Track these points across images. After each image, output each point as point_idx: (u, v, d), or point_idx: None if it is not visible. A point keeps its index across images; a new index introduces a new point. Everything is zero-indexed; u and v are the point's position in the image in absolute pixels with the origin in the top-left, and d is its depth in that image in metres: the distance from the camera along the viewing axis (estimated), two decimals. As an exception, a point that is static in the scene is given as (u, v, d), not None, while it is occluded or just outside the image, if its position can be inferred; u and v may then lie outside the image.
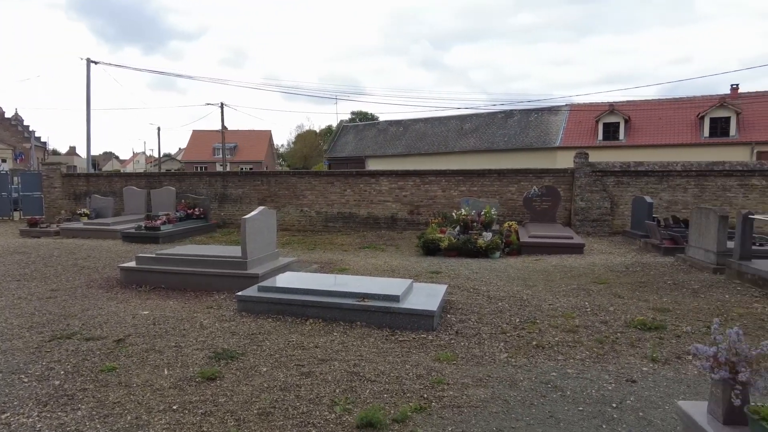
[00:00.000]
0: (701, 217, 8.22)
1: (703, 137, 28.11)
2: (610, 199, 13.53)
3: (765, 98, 28.65)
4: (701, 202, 12.91)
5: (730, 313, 5.50)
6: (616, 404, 3.46)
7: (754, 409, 2.35)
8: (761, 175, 13.08)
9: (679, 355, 4.34)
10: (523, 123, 34.21)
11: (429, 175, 15.07)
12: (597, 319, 5.40)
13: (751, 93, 29.61)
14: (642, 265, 8.33)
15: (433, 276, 7.79)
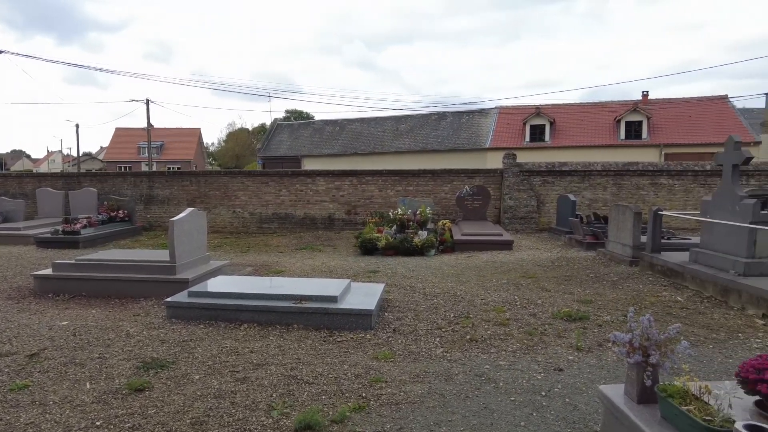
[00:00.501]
0: (618, 213, 8.84)
1: (620, 139, 30.25)
2: (536, 198, 14.22)
3: (671, 105, 31.31)
4: (619, 199, 13.89)
5: (643, 302, 5.96)
6: (545, 392, 3.65)
7: (663, 387, 2.57)
8: (668, 174, 14.28)
9: (601, 343, 4.64)
10: (456, 125, 35.20)
11: (366, 175, 15.14)
12: (526, 312, 5.67)
13: (660, 99, 32.27)
14: (567, 260, 8.83)
15: (371, 275, 7.83)
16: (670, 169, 14.37)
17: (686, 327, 5.02)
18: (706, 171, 14.03)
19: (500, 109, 34.72)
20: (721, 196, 6.52)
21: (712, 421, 2.26)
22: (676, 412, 2.43)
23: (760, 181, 14.30)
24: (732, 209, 6.24)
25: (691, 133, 28.93)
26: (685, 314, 5.50)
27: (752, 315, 5.40)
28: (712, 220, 6.57)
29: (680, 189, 14.22)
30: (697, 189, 14.10)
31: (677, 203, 14.07)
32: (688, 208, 13.43)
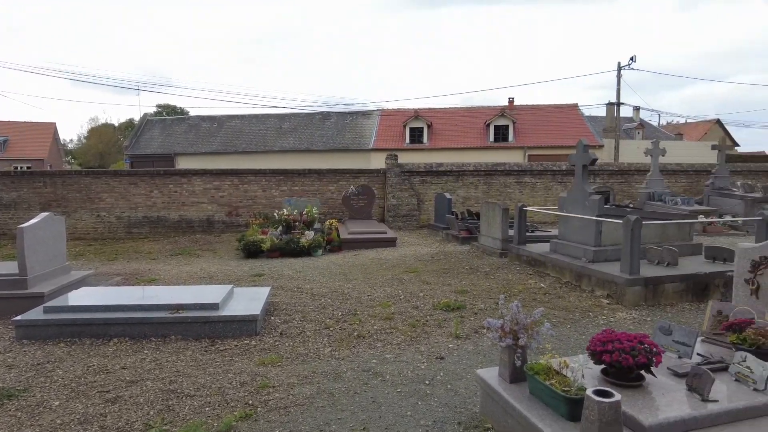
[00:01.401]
0: (489, 210, 9.59)
1: (489, 142, 32.78)
2: (417, 197, 14.89)
3: (533, 111, 34.69)
4: (489, 197, 15.07)
5: (512, 290, 6.55)
6: (429, 381, 3.85)
7: (530, 366, 2.85)
8: (531, 174, 15.83)
9: (477, 330, 5.01)
10: (340, 125, 35.45)
11: (248, 175, 14.62)
12: (410, 305, 5.91)
13: (524, 105, 35.55)
14: (445, 254, 9.38)
15: (255, 279, 7.59)
16: (533, 169, 15.95)
17: (548, 310, 5.61)
18: (562, 171, 15.80)
19: (382, 112, 35.69)
20: (574, 192, 7.39)
21: (569, 391, 2.57)
22: (541, 386, 2.72)
23: (603, 179, 16.47)
24: (583, 204, 7.11)
25: (550, 137, 32.33)
26: (548, 299, 6.16)
27: (599, 296, 6.21)
28: (567, 214, 7.43)
29: (541, 187, 15.84)
30: (555, 186, 15.82)
31: (539, 199, 15.65)
32: (548, 204, 15.01)
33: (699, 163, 18.00)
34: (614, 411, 2.29)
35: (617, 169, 17.03)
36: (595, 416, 2.29)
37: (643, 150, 15.57)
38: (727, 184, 14.76)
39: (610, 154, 28.13)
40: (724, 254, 6.70)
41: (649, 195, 13.92)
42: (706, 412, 2.55)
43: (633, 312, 5.61)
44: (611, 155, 27.71)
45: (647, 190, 14.28)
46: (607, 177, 16.63)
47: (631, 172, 16.78)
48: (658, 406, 2.59)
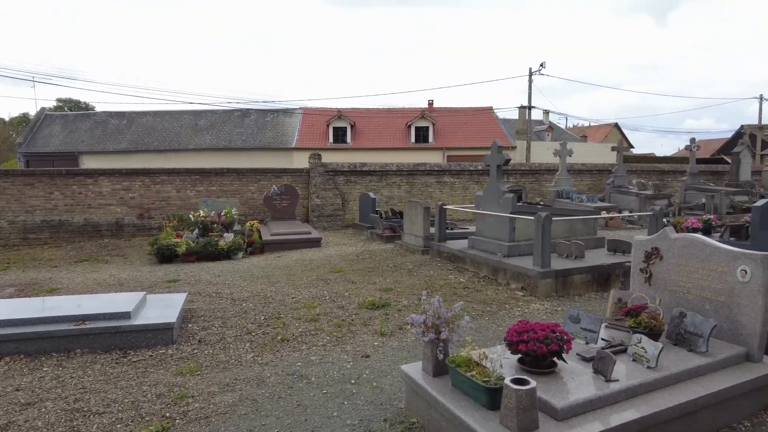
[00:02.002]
0: (411, 209, 9.79)
1: (411, 142, 33.48)
2: (341, 196, 14.87)
3: (451, 113, 35.90)
4: (411, 196, 15.39)
5: (434, 285, 6.73)
6: (355, 380, 3.86)
7: (452, 359, 2.95)
8: (450, 174, 16.37)
9: (401, 327, 5.09)
10: (260, 123, 34.52)
11: (161, 174, 13.82)
12: (335, 306, 5.89)
13: (443, 108, 36.68)
14: (370, 253, 9.44)
15: (170, 285, 7.19)
16: (452, 169, 16.50)
17: (468, 304, 5.83)
18: (478, 170, 16.49)
19: (304, 110, 35.23)
20: (489, 191, 7.74)
21: (489, 381, 2.68)
22: (462, 378, 2.82)
23: (516, 178, 17.40)
24: (497, 202, 7.47)
25: (467, 138, 33.61)
26: (467, 293, 6.40)
27: (514, 288, 6.55)
28: (484, 212, 7.76)
29: (460, 186, 16.43)
30: (472, 186, 16.47)
31: (458, 198, 16.22)
32: (466, 202, 15.61)
33: (601, 163, 19.58)
34: (530, 397, 2.42)
35: (529, 169, 18.07)
36: (513, 404, 2.41)
37: (552, 151, 16.65)
38: (624, 183, 16.17)
39: (522, 154, 29.79)
40: (623, 246, 7.32)
41: (558, 193, 14.90)
42: (608, 392, 2.77)
43: (545, 303, 5.98)
44: (523, 156, 29.37)
45: (556, 188, 15.28)
46: (520, 176, 17.60)
47: (541, 171, 17.88)
48: (568, 389, 2.78)
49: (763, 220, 8.35)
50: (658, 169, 20.60)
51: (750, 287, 3.44)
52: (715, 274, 3.65)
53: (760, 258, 3.42)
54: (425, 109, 35.67)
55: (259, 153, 31.35)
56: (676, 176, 19.53)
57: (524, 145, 30.05)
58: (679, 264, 3.92)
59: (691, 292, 3.81)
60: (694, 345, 3.36)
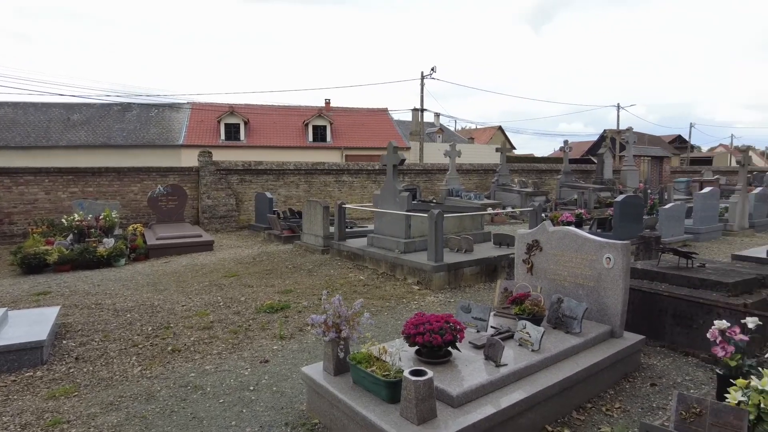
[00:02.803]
0: (310, 208, 9.70)
1: (308, 141, 33.14)
2: (235, 196, 14.28)
3: (348, 113, 36.12)
4: (310, 195, 15.24)
5: (334, 285, 6.73)
6: (253, 387, 3.73)
7: (353, 356, 2.97)
8: (349, 173, 16.48)
9: (302, 328, 5.03)
10: (143, 118, 31.97)
11: (25, 174, 12.24)
12: (230, 311, 5.65)
13: (340, 108, 36.75)
14: (267, 255, 9.19)
15: (39, 298, 6.41)
16: (350, 169, 16.62)
17: (368, 300, 5.92)
18: (376, 170, 16.78)
19: (193, 105, 33.27)
20: (386, 190, 7.92)
21: (389, 375, 2.75)
22: (363, 374, 2.85)
23: (411, 178, 18.00)
24: (394, 201, 7.67)
25: (364, 138, 34.06)
26: (367, 290, 6.49)
27: (411, 283, 6.78)
28: (381, 210, 7.93)
29: (358, 185, 16.60)
30: (370, 185, 16.74)
31: (356, 197, 16.38)
32: (365, 201, 15.82)
33: (487, 164, 20.93)
34: (428, 388, 2.52)
35: (422, 169, 18.79)
36: (412, 395, 2.50)
37: (443, 152, 17.47)
38: (508, 181, 17.45)
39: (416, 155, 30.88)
40: (507, 240, 7.90)
41: (448, 191, 15.66)
42: (499, 376, 2.98)
43: (439, 295, 6.26)
44: (417, 156, 30.45)
45: (447, 187, 16.06)
46: (414, 176, 18.24)
47: (433, 171, 18.68)
48: (463, 377, 2.94)
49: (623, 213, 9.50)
50: (536, 168, 22.53)
51: (613, 273, 3.90)
52: (586, 262, 4.08)
53: (620, 246, 3.89)
54: (322, 108, 35.52)
55: (143, 151, 29.05)
56: (552, 175, 21.50)
57: (418, 146, 31.16)
58: (556, 254, 4.32)
59: (567, 279, 4.22)
60: (570, 327, 3.73)
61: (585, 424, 3.13)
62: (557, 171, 20.79)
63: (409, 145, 33.19)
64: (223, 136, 31.54)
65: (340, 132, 34.10)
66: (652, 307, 4.50)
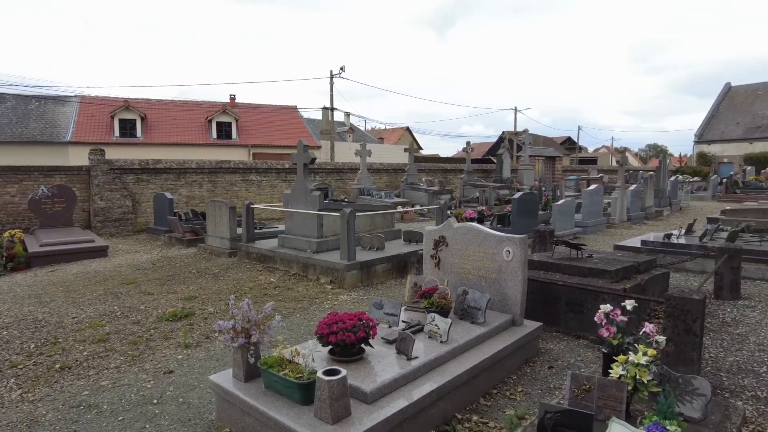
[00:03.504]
0: (215, 209, 9.28)
1: (212, 138, 31.66)
2: (131, 197, 13.27)
3: (255, 110, 35.03)
4: (215, 195, 14.57)
5: (243, 288, 6.51)
6: (157, 400, 3.50)
7: (264, 361, 2.89)
8: (257, 172, 15.99)
9: (208, 336, 4.80)
10: (21, 111, 28.63)
11: None
12: (129, 321, 5.25)
13: (246, 104, 35.52)
14: (168, 259, 8.65)
15: None
16: (258, 167, 16.14)
17: (279, 303, 5.79)
18: (286, 169, 16.46)
19: (81, 99, 30.36)
20: (296, 189, 7.79)
21: (302, 377, 2.71)
22: (275, 378, 2.79)
23: (322, 177, 17.89)
24: (305, 200, 7.57)
25: (273, 136, 33.25)
26: (278, 292, 6.35)
27: (324, 283, 6.74)
28: (292, 210, 7.79)
29: (267, 184, 16.18)
30: (280, 184, 16.38)
31: (266, 197, 15.96)
32: (275, 201, 15.46)
33: (396, 163, 21.39)
34: (342, 386, 2.53)
35: (334, 168, 18.76)
36: (326, 395, 2.49)
37: (354, 151, 17.57)
38: (416, 180, 17.96)
39: (327, 154, 30.75)
40: (416, 237, 8.13)
41: (360, 190, 15.78)
42: (410, 369, 3.06)
43: (352, 293, 6.29)
44: (328, 155, 30.34)
45: (358, 186, 16.18)
46: (326, 175, 18.15)
47: (345, 170, 18.72)
48: (376, 372, 2.98)
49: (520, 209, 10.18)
50: (442, 168, 23.43)
51: (513, 265, 4.16)
52: (488, 255, 4.32)
53: (518, 240, 4.17)
54: (227, 103, 34.10)
55: (21, 148, 26.02)
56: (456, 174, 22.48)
57: (328, 145, 31.04)
58: (461, 249, 4.53)
59: (472, 273, 4.44)
60: (475, 317, 3.92)
61: (491, 409, 3.32)
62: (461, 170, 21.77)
63: (320, 144, 32.96)
64: (117, 133, 29.17)
65: (247, 129, 33.00)
66: (548, 296, 4.87)
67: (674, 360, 3.44)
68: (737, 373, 3.82)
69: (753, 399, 3.40)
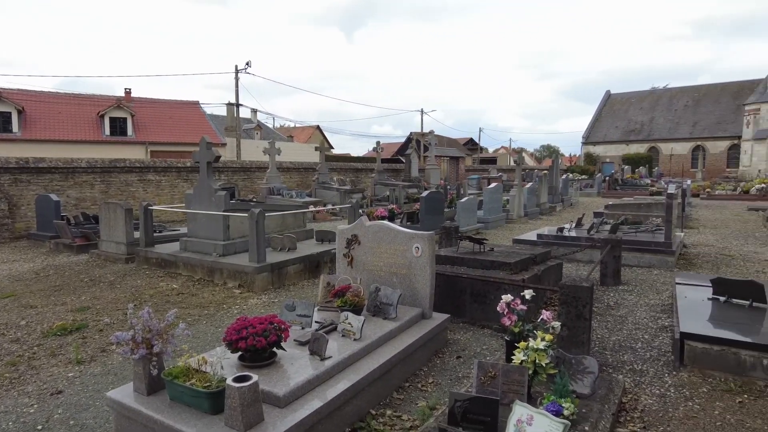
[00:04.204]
0: (109, 212, 8.56)
1: (105, 135, 29.15)
2: (7, 200, 11.82)
3: (153, 105, 32.76)
4: (108, 197, 13.43)
5: (143, 296, 6.08)
6: (43, 425, 3.16)
7: (168, 372, 2.73)
8: (155, 171, 14.99)
9: (104, 349, 4.42)
10: None
11: None
12: (6, 339, 4.69)
13: (143, 98, 33.08)
14: (55, 268, 7.85)
15: None
16: (157, 166, 15.13)
17: (183, 310, 5.49)
18: (187, 168, 15.59)
19: (-62, 88, 26.45)
20: (200, 189, 7.42)
21: (211, 386, 2.60)
22: (181, 389, 2.64)
23: (228, 176, 17.20)
24: (210, 200, 7.23)
25: (173, 133, 31.32)
26: (182, 299, 6.01)
27: (232, 287, 6.49)
28: (195, 211, 7.41)
29: (167, 184, 15.22)
30: (182, 184, 15.49)
31: (166, 197, 15.01)
32: (176, 202, 14.59)
33: (307, 162, 21.14)
34: (253, 392, 2.45)
35: (240, 167, 18.11)
36: (236, 402, 2.40)
37: (262, 149, 17.09)
38: (327, 180, 17.89)
39: (233, 152, 29.59)
40: (329, 236, 8.11)
41: (269, 190, 15.40)
42: (324, 369, 3.05)
43: (263, 297, 6.13)
44: (234, 153, 29.21)
45: (268, 185, 15.78)
46: (232, 174, 17.48)
47: (252, 169, 18.15)
48: (289, 375, 2.93)
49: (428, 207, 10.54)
50: (353, 167, 23.57)
51: (422, 260, 4.30)
52: (399, 252, 4.42)
53: (426, 237, 4.31)
54: (122, 98, 31.57)
55: None
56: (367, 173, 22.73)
57: (234, 143, 29.88)
58: (373, 247, 4.59)
59: (383, 270, 4.52)
60: (387, 313, 4.00)
61: (404, 402, 3.41)
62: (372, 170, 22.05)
63: (225, 142, 31.64)
64: (-15, 128, 25.84)
65: (144, 125, 30.81)
66: (454, 288, 5.10)
67: (568, 343, 3.76)
68: (618, 350, 4.26)
69: (631, 372, 3.82)
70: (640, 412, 3.20)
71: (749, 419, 3.09)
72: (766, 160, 31.77)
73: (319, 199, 16.22)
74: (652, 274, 7.04)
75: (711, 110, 40.50)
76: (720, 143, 38.50)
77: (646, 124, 43.16)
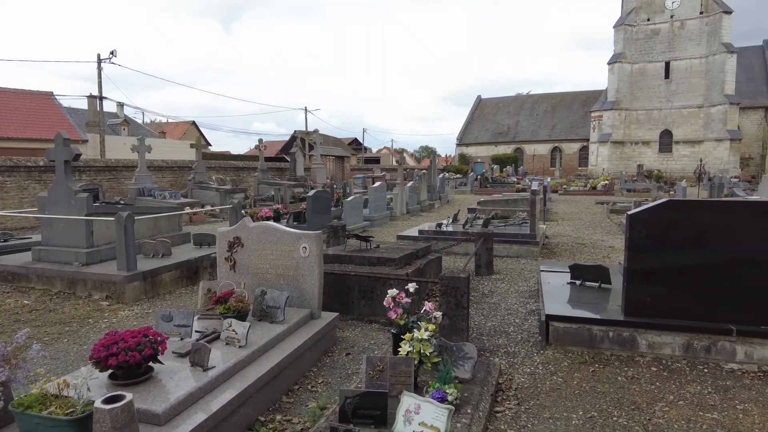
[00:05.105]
0: (-65, 219, 7.23)
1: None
2: None
3: (-10, 93, 28.26)
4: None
5: (-16, 317, 5.23)
6: None
7: (19, 402, 2.38)
8: (-3, 171, 12.98)
9: (-69, 382, 3.72)
10: None
11: None
12: None
13: (-25, 86, 28.34)
14: None
15: None
16: (2, 165, 13.10)
17: (37, 329, 4.83)
18: (40, 167, 13.73)
19: None
20: (56, 191, 6.58)
21: (75, 411, 2.31)
22: (36, 420, 2.32)
23: (91, 176, 15.48)
24: (69, 204, 6.44)
25: (21, 128, 27.34)
26: (35, 316, 5.28)
27: (98, 299, 5.86)
28: (51, 216, 6.55)
29: (14, 186, 13.27)
30: (33, 185, 13.60)
31: (12, 201, 13.08)
32: (26, 206, 12.78)
33: (181, 160, 19.79)
34: (127, 413, 2.24)
35: (105, 166, 16.41)
36: (108, 426, 2.17)
37: (130, 146, 15.65)
38: (205, 179, 16.94)
39: (95, 149, 26.66)
40: (208, 239, 7.67)
41: (139, 191, 14.18)
42: (207, 380, 2.88)
43: (135, 308, 5.62)
44: (97, 151, 26.33)
45: (137, 185, 14.50)
46: (95, 173, 15.77)
47: (119, 168, 16.55)
48: (168, 390, 2.72)
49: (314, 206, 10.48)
50: (234, 165, 22.58)
51: (309, 260, 4.26)
52: (285, 253, 4.34)
53: (314, 236, 4.28)
54: (-53, 85, 26.76)
55: None
56: (249, 172, 21.93)
57: (97, 139, 26.94)
58: (257, 249, 4.44)
59: (269, 272, 4.40)
60: (274, 317, 3.90)
61: (294, 405, 3.35)
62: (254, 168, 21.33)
63: (87, 138, 28.38)
64: None
65: (-21, 119, 26.48)
66: (342, 286, 5.13)
67: (449, 331, 3.99)
68: (494, 335, 4.62)
69: (506, 354, 4.16)
70: (514, 390, 3.50)
71: (599, 385, 3.55)
72: (608, 159, 36.62)
73: (196, 200, 15.29)
74: (520, 263, 7.74)
75: (566, 115, 45.63)
76: (573, 145, 43.53)
77: (512, 127, 47.29)
